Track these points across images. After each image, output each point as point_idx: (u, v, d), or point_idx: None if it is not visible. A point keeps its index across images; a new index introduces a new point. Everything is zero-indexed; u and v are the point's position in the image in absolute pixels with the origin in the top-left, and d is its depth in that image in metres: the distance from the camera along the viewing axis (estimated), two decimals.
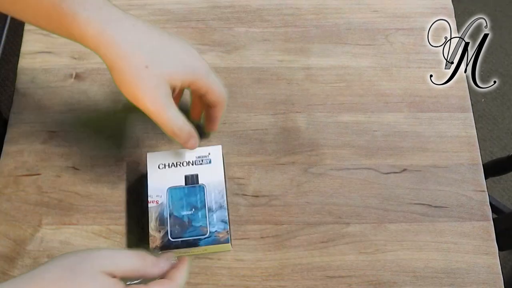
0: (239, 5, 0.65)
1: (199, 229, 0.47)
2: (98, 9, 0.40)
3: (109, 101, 0.59)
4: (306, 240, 0.52)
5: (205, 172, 0.50)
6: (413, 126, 0.58)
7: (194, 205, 0.48)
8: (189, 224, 0.48)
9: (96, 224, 0.52)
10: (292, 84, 0.60)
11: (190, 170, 0.50)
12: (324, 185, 0.55)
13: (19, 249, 0.51)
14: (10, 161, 0.55)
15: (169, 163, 0.50)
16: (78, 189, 0.54)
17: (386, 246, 0.52)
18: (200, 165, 0.50)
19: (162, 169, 0.50)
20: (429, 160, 0.56)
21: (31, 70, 0.60)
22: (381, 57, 0.62)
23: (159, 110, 0.43)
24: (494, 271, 0.51)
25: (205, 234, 0.47)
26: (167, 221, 0.48)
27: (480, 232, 0.53)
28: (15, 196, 0.54)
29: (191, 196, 0.49)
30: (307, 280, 0.51)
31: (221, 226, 0.48)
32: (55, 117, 0.58)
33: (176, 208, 0.48)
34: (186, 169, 0.50)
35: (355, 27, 0.64)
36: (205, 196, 0.49)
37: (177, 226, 0.48)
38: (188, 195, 0.49)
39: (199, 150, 0.50)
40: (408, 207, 0.54)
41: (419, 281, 0.51)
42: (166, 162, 0.50)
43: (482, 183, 0.55)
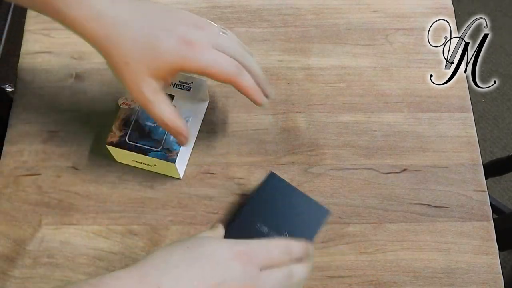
0: (239, 5, 0.65)
1: (154, 141, 0.51)
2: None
3: (109, 101, 0.59)
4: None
5: (181, 97, 0.53)
6: (413, 126, 0.58)
7: None
8: (148, 134, 0.51)
9: (96, 224, 0.52)
10: (292, 84, 0.60)
11: (169, 90, 0.52)
12: (324, 185, 0.55)
13: (19, 249, 0.51)
14: (10, 161, 0.55)
15: None
16: (78, 189, 0.54)
17: (386, 246, 0.52)
18: (179, 89, 0.53)
19: None
20: (429, 160, 0.56)
21: (31, 70, 0.60)
22: (381, 57, 0.62)
23: (146, 105, 0.43)
24: (494, 271, 0.51)
25: (157, 148, 0.50)
26: (131, 125, 0.51)
27: (480, 232, 0.53)
28: (15, 196, 0.54)
29: None
30: (307, 280, 0.50)
31: (174, 147, 0.50)
32: (55, 117, 0.58)
33: (143, 117, 0.51)
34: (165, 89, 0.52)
35: (355, 27, 0.64)
36: None
37: (137, 132, 0.51)
38: None
39: (185, 76, 0.53)
40: (408, 207, 0.54)
41: (419, 281, 0.51)
42: None
43: (482, 183, 0.55)
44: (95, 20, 0.39)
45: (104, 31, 0.40)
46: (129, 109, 0.52)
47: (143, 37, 0.40)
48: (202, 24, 0.43)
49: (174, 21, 0.42)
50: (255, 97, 0.45)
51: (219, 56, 0.42)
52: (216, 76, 0.42)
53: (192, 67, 0.41)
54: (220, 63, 0.42)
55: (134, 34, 0.40)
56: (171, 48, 0.40)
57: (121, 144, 0.51)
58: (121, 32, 0.40)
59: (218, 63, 0.42)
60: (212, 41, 0.42)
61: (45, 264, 0.50)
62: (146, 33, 0.40)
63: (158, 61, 0.41)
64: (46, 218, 0.53)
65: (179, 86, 0.53)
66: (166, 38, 0.40)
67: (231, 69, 0.42)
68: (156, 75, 0.41)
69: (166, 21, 0.42)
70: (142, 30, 0.40)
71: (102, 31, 0.40)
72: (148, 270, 0.35)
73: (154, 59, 0.40)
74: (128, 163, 0.54)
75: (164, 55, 0.41)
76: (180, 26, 0.41)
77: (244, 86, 0.43)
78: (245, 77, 0.43)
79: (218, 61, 0.42)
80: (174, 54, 0.41)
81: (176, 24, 0.42)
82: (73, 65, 0.61)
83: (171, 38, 0.40)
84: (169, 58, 0.41)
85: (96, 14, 0.39)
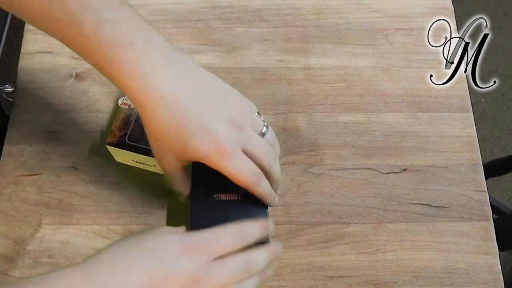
0: (239, 5, 0.65)
1: None
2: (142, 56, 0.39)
3: (109, 101, 0.59)
4: (306, 240, 0.52)
5: None
6: (413, 126, 0.58)
7: None
8: None
9: (96, 224, 0.52)
10: (292, 84, 0.60)
11: None
12: (324, 185, 0.55)
13: (19, 249, 0.51)
14: (10, 161, 0.55)
15: None
16: (78, 189, 0.54)
17: (386, 246, 0.52)
18: None
19: None
20: (429, 160, 0.56)
21: (31, 70, 0.60)
22: (381, 57, 0.62)
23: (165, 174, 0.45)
24: (494, 271, 0.51)
25: None
26: (131, 125, 0.51)
27: (480, 232, 0.53)
28: (15, 196, 0.54)
29: None
30: (307, 280, 0.51)
31: None
32: (55, 117, 0.58)
33: None
34: None
35: (355, 27, 0.64)
36: None
37: (137, 132, 0.51)
38: None
39: None
40: (408, 207, 0.54)
41: (419, 281, 0.51)
42: None
43: (482, 183, 0.55)
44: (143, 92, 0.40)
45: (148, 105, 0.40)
46: (129, 109, 0.52)
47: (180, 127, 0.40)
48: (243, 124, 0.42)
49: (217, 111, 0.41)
50: (267, 202, 0.45)
51: (244, 165, 0.42)
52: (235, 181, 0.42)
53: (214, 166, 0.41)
54: (242, 171, 0.41)
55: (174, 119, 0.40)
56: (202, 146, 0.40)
57: (121, 144, 0.51)
58: (162, 115, 0.40)
59: (239, 172, 0.41)
60: (245, 143, 0.42)
61: (45, 264, 0.50)
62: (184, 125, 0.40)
63: (185, 151, 0.41)
64: (46, 218, 0.53)
65: None
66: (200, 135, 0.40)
67: (251, 179, 0.42)
68: (180, 158, 0.43)
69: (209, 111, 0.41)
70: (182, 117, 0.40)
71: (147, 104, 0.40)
72: (95, 266, 0.35)
73: (181, 148, 0.41)
74: (128, 163, 0.54)
75: (193, 150, 0.41)
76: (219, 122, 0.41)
77: (260, 193, 0.43)
78: (262, 185, 0.43)
79: (241, 170, 0.41)
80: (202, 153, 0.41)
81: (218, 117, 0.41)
82: (73, 65, 0.61)
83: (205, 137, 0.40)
84: (196, 154, 0.41)
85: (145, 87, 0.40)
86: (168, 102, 0.40)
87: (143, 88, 0.40)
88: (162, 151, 0.43)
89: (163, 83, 0.40)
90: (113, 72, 0.40)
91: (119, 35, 0.39)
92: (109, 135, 0.51)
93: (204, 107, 0.41)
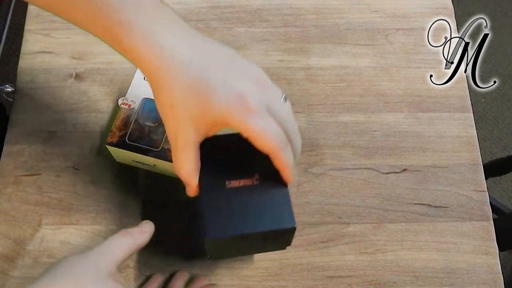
0: (239, 5, 0.65)
1: (154, 141, 0.50)
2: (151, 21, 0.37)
3: (109, 101, 0.59)
4: (306, 240, 0.52)
5: None
6: (413, 126, 0.58)
7: (158, 120, 0.51)
8: (148, 134, 0.51)
9: (96, 224, 0.52)
10: (292, 84, 0.60)
11: None
12: (324, 185, 0.55)
13: (19, 249, 0.51)
14: (10, 161, 0.55)
15: None
16: (78, 189, 0.54)
17: (386, 246, 0.52)
18: None
19: (146, 81, 0.51)
20: (429, 160, 0.56)
21: (31, 70, 0.60)
22: (381, 57, 0.62)
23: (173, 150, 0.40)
24: (494, 271, 0.51)
25: (157, 148, 0.50)
26: (131, 125, 0.51)
27: (480, 232, 0.53)
28: (15, 196, 0.54)
29: None
30: (307, 280, 0.51)
31: None
32: (55, 117, 0.58)
33: (143, 117, 0.52)
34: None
35: (355, 27, 0.64)
36: None
37: (137, 132, 0.51)
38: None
39: None
40: (408, 207, 0.54)
41: (419, 281, 0.51)
42: None
43: (482, 183, 0.55)
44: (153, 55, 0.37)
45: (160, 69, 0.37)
46: (129, 109, 0.52)
47: (198, 82, 0.37)
48: (264, 82, 0.39)
49: (238, 73, 0.38)
50: (288, 175, 0.40)
51: (270, 124, 0.37)
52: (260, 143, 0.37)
53: (237, 126, 0.37)
54: (269, 131, 0.37)
55: (189, 78, 0.37)
56: (223, 101, 0.36)
57: (121, 144, 0.51)
58: (176, 73, 0.37)
59: (266, 131, 0.37)
60: (271, 104, 0.38)
61: (45, 264, 0.50)
62: (203, 79, 0.37)
63: (205, 111, 0.37)
64: (46, 218, 0.53)
65: None
66: (221, 89, 0.36)
67: (277, 141, 0.38)
68: (198, 125, 0.38)
69: (228, 71, 0.38)
70: (199, 75, 0.37)
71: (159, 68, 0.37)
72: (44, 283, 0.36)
73: (201, 109, 0.37)
74: (128, 163, 0.54)
75: (213, 106, 0.37)
76: (241, 80, 0.37)
77: (284, 163, 0.39)
78: (287, 153, 0.39)
79: (268, 129, 0.37)
80: (223, 109, 0.37)
81: (239, 76, 0.38)
82: (73, 65, 0.61)
83: (227, 91, 0.36)
84: (217, 111, 0.37)
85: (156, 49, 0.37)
86: (183, 62, 0.37)
87: (155, 49, 0.36)
88: (178, 120, 0.38)
89: (176, 43, 0.37)
90: (121, 37, 0.36)
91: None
92: (109, 135, 0.51)
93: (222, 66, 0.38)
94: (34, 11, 0.64)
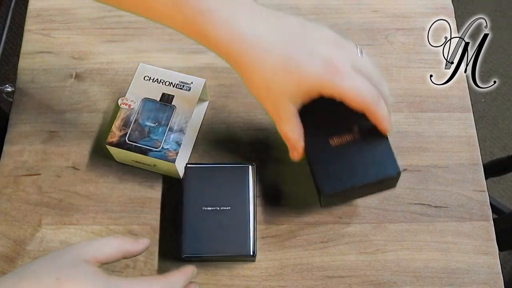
0: None
1: (154, 141, 0.51)
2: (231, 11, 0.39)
3: (109, 101, 0.59)
4: (306, 240, 0.52)
5: (181, 97, 0.53)
6: (413, 126, 0.58)
7: (158, 120, 0.52)
8: (147, 134, 0.51)
9: (96, 224, 0.52)
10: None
11: (169, 90, 0.53)
12: None
13: (19, 249, 0.51)
14: (10, 161, 0.55)
15: (154, 78, 0.54)
16: (78, 189, 0.54)
17: (386, 246, 0.52)
18: (179, 89, 0.53)
19: (146, 81, 0.54)
20: (429, 160, 0.56)
21: (31, 70, 0.60)
22: (381, 57, 0.62)
23: (278, 122, 0.43)
24: (494, 271, 0.51)
25: (157, 148, 0.51)
26: (131, 125, 0.52)
27: (480, 232, 0.53)
28: (15, 196, 0.54)
29: (160, 112, 0.52)
30: (307, 280, 0.51)
31: (174, 146, 0.51)
32: (55, 117, 0.58)
33: (143, 117, 0.52)
34: (166, 88, 0.54)
35: (355, 27, 0.64)
36: (171, 117, 0.52)
37: (137, 132, 0.51)
38: (158, 110, 0.52)
39: (185, 76, 0.54)
40: (408, 207, 0.54)
41: (419, 281, 0.51)
42: (152, 76, 0.54)
43: (482, 183, 0.55)
44: (237, 42, 0.39)
45: (246, 54, 0.39)
46: (129, 109, 0.52)
47: (286, 60, 0.39)
48: (343, 43, 0.41)
49: (315, 40, 0.41)
50: (386, 127, 0.42)
51: (360, 81, 0.40)
52: (354, 103, 0.40)
53: (332, 91, 0.40)
54: (361, 89, 0.40)
55: (276, 57, 0.39)
56: (313, 71, 0.39)
57: (121, 144, 0.51)
58: (263, 56, 0.39)
59: (358, 90, 0.40)
60: (353, 62, 0.40)
61: None
62: (289, 55, 0.39)
63: (299, 84, 0.40)
64: (46, 218, 0.53)
65: (179, 86, 0.53)
66: (308, 61, 0.39)
67: (370, 97, 0.40)
68: (295, 97, 0.41)
69: (307, 41, 0.40)
70: (284, 52, 0.39)
71: (245, 53, 0.39)
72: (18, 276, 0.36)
73: (295, 83, 0.40)
74: (128, 163, 0.54)
75: (306, 79, 0.40)
76: (321, 46, 0.40)
77: (380, 116, 0.41)
78: (381, 105, 0.41)
79: (359, 88, 0.40)
80: (315, 78, 0.39)
81: (318, 43, 0.40)
82: (73, 65, 0.61)
83: (313, 60, 0.39)
84: (310, 82, 0.40)
85: (238, 35, 0.39)
86: (266, 44, 0.39)
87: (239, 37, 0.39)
88: (276, 98, 0.41)
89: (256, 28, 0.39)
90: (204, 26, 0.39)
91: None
92: (109, 135, 0.51)
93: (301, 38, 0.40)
94: (34, 11, 0.64)
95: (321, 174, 0.44)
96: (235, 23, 0.39)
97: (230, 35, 0.39)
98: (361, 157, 0.44)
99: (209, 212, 0.48)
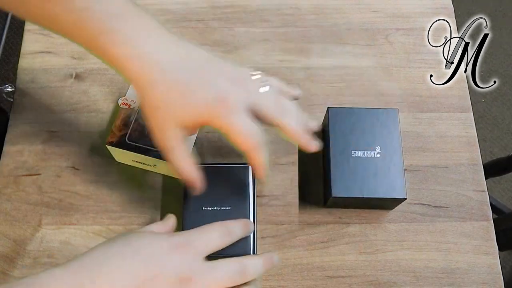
0: (239, 5, 0.65)
1: None
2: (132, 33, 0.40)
3: (109, 101, 0.59)
4: (306, 240, 0.52)
5: None
6: (413, 126, 0.58)
7: None
8: (148, 134, 0.50)
9: (96, 224, 0.52)
10: (293, 84, 0.60)
11: None
12: None
13: (19, 249, 0.51)
14: (10, 161, 0.55)
15: None
16: (78, 189, 0.54)
17: (386, 246, 0.52)
18: None
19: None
20: (429, 160, 0.56)
21: (31, 70, 0.60)
22: (381, 57, 0.62)
23: (165, 151, 0.42)
24: (494, 271, 0.51)
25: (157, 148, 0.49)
26: (131, 125, 0.51)
27: (480, 232, 0.53)
28: (15, 196, 0.54)
29: None
30: (307, 280, 0.51)
31: None
32: (55, 117, 0.58)
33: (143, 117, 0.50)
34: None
35: (355, 27, 0.64)
36: None
37: (137, 132, 0.51)
38: None
39: None
40: (408, 207, 0.54)
41: (419, 281, 0.51)
42: None
43: (482, 183, 0.55)
44: (136, 60, 0.39)
45: (143, 73, 0.39)
46: (129, 109, 0.52)
47: (180, 85, 0.40)
48: (242, 80, 0.42)
49: (215, 72, 0.41)
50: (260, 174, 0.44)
51: (246, 123, 0.41)
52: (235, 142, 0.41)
53: (217, 125, 0.40)
54: (244, 131, 0.41)
55: (171, 80, 0.40)
56: (204, 102, 0.40)
57: (121, 144, 0.51)
58: (160, 76, 0.39)
59: (241, 130, 0.41)
60: (248, 99, 0.41)
61: (45, 264, 0.50)
62: (186, 81, 0.40)
63: (188, 112, 0.40)
64: (46, 218, 0.53)
65: None
66: (203, 90, 0.40)
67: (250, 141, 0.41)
68: (182, 124, 0.41)
69: (207, 72, 0.41)
70: (183, 77, 0.40)
71: (142, 72, 0.39)
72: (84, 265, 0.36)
73: (184, 109, 0.40)
74: (128, 163, 0.54)
75: (195, 108, 0.40)
76: (220, 80, 0.41)
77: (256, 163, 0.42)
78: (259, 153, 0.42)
79: (242, 129, 0.41)
80: (204, 109, 0.40)
81: (217, 76, 0.41)
82: (73, 65, 0.61)
83: (209, 91, 0.40)
84: (198, 112, 0.40)
85: (138, 54, 0.39)
86: (165, 66, 0.40)
87: (138, 56, 0.39)
88: (164, 120, 0.41)
89: (157, 49, 0.40)
90: (105, 45, 0.39)
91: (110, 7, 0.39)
92: (109, 135, 0.51)
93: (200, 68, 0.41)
94: None
95: (337, 178, 0.50)
96: (136, 42, 0.39)
97: (130, 53, 0.39)
98: (375, 174, 0.50)
99: (209, 212, 0.48)
